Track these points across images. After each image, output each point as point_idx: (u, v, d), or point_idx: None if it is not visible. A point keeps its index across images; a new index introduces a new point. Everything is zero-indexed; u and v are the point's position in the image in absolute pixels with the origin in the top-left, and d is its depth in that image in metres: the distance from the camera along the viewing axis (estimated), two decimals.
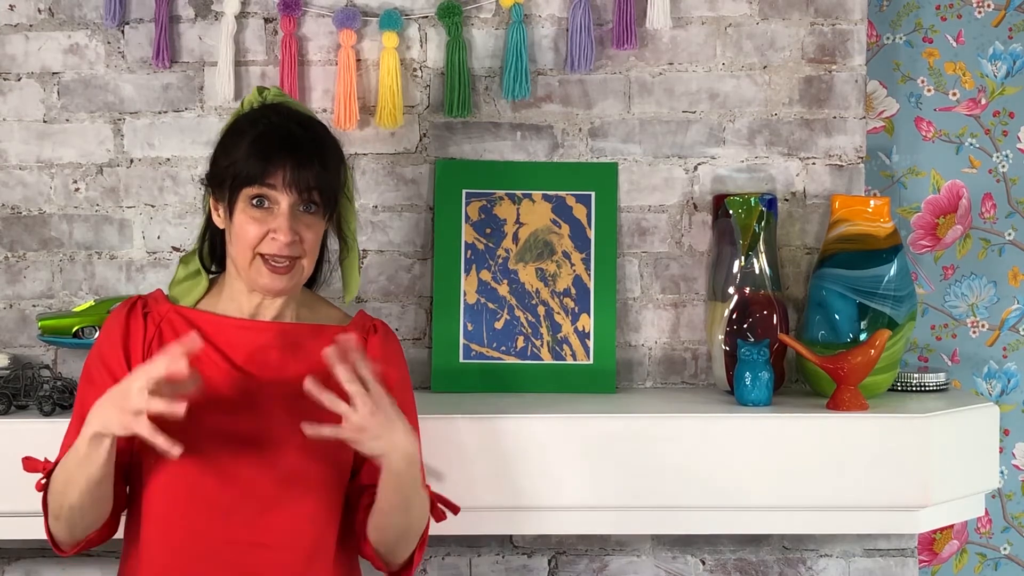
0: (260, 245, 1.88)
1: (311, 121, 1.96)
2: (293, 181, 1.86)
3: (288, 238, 1.86)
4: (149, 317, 1.95)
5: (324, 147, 1.92)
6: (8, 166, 2.51)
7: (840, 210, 2.47)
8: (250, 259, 1.89)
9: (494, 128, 2.55)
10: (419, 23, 2.52)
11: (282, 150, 1.87)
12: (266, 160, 1.86)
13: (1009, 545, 2.86)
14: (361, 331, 2.00)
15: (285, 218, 1.86)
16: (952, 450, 2.31)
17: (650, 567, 2.54)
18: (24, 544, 2.40)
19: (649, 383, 2.58)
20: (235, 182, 1.88)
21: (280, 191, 1.86)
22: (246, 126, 1.92)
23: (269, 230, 1.87)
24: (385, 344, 2.02)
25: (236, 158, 1.88)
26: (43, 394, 2.24)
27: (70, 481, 1.83)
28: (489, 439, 2.21)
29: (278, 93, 2.00)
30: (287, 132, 1.89)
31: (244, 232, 1.88)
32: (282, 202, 1.87)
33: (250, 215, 1.88)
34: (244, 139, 1.89)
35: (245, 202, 1.88)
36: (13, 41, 2.50)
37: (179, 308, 1.96)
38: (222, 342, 1.93)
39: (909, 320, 2.44)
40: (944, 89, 2.81)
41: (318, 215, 1.91)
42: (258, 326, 1.94)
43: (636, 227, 2.56)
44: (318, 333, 1.97)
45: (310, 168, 1.87)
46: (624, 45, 2.50)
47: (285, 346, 1.94)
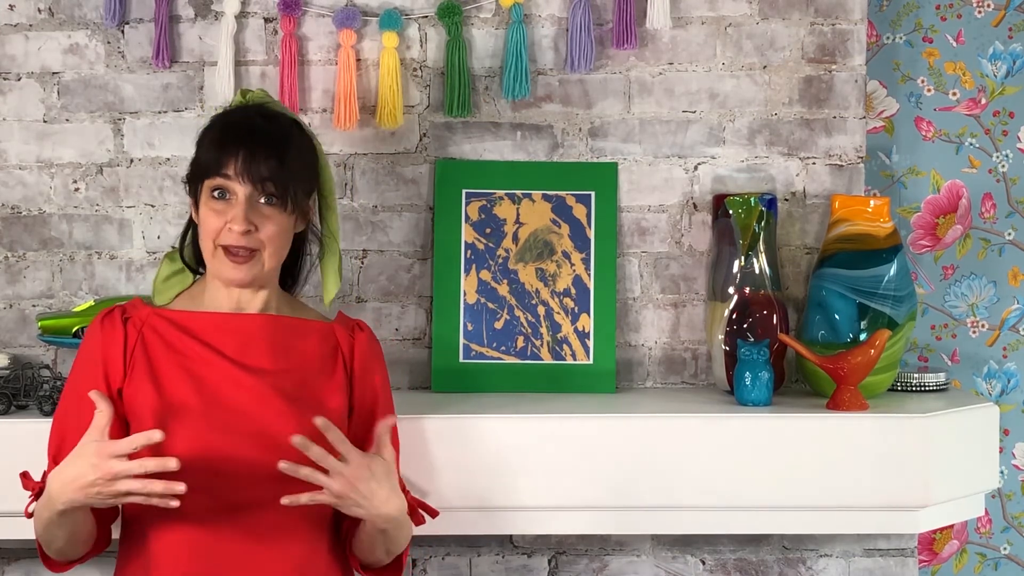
0: (220, 236, 1.90)
1: (279, 116, 1.97)
2: (245, 170, 1.88)
3: (242, 227, 1.88)
4: (130, 323, 1.94)
5: (284, 140, 1.93)
6: (8, 166, 2.51)
7: (840, 210, 2.47)
8: (212, 250, 1.91)
9: (494, 128, 2.55)
10: (419, 23, 2.52)
11: (237, 139, 1.89)
12: (221, 149, 1.89)
13: (1009, 545, 2.86)
14: (346, 328, 2.02)
15: (240, 208, 1.88)
16: (952, 450, 2.31)
17: (650, 567, 2.54)
18: (24, 544, 2.40)
19: (649, 383, 2.58)
20: (196, 173, 1.93)
21: (235, 180, 1.88)
22: (216, 122, 1.96)
23: (227, 221, 1.89)
24: (371, 342, 2.05)
25: (200, 152, 1.93)
26: (43, 394, 2.24)
27: (49, 530, 1.85)
28: (489, 439, 2.21)
29: (262, 95, 2.03)
30: (247, 124, 1.92)
31: (206, 223, 1.91)
32: (239, 192, 1.89)
33: (211, 207, 1.90)
34: (209, 133, 1.94)
35: (207, 194, 1.91)
36: (13, 41, 2.50)
37: (161, 311, 1.96)
38: (211, 337, 1.93)
39: (909, 320, 2.44)
40: (944, 89, 2.81)
41: (278, 207, 1.91)
42: (245, 318, 1.95)
43: (636, 227, 2.56)
44: (305, 328, 1.99)
45: (264, 159, 1.88)
46: (624, 45, 2.50)
47: (273, 336, 1.95)
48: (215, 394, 1.89)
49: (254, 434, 1.87)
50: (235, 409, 1.88)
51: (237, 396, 1.89)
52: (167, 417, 1.86)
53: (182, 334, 1.93)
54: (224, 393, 1.89)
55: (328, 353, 1.99)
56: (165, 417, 1.86)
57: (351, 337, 2.01)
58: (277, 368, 1.93)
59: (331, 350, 2.00)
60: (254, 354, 1.93)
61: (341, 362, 1.99)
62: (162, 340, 1.92)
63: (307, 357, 1.97)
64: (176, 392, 1.89)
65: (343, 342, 2.01)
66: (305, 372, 1.96)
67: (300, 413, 1.88)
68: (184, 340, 1.92)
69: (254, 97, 2.01)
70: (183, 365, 1.90)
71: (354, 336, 2.02)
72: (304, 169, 1.96)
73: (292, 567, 1.90)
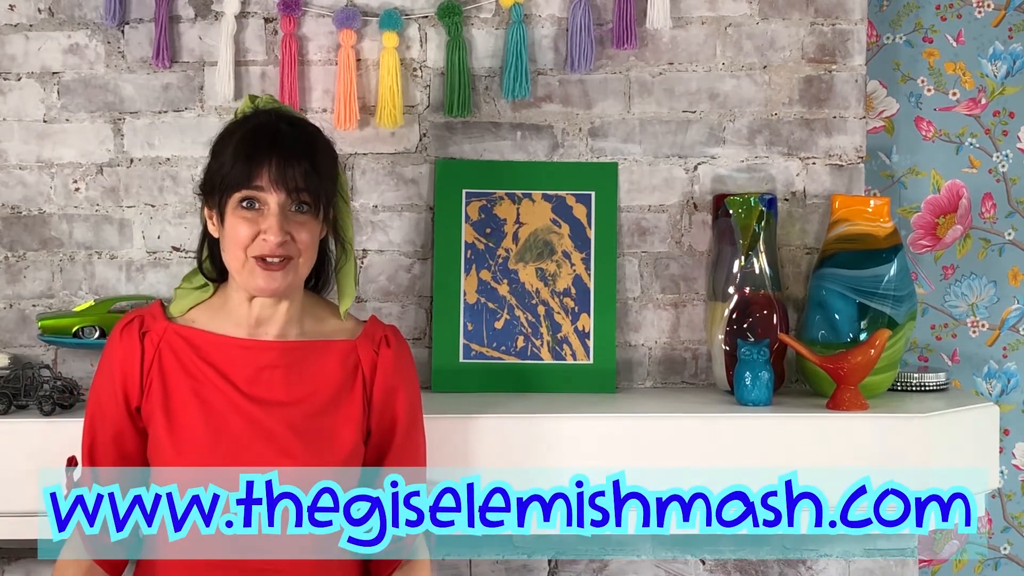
0: (251, 246, 1.84)
1: (301, 121, 1.93)
2: (280, 178, 1.82)
3: (278, 238, 1.82)
4: (147, 337, 1.91)
5: (313, 145, 1.88)
6: (8, 166, 2.51)
7: (840, 210, 2.47)
8: (243, 261, 1.85)
9: (494, 128, 2.55)
10: (419, 23, 2.52)
11: (268, 148, 1.83)
12: (251, 159, 1.83)
13: (1009, 545, 2.86)
14: (372, 343, 1.97)
15: (275, 218, 1.82)
16: (952, 450, 2.31)
17: (650, 567, 2.54)
18: (24, 544, 2.40)
19: (649, 383, 2.58)
20: (223, 185, 1.85)
21: (268, 191, 1.83)
22: (234, 129, 1.89)
23: (260, 231, 1.83)
24: (397, 358, 1.98)
25: (223, 161, 1.85)
26: (43, 394, 2.24)
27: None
28: (489, 439, 2.21)
29: (270, 99, 1.97)
30: (274, 130, 1.86)
31: (235, 233, 1.84)
32: (271, 202, 1.83)
33: (240, 216, 1.84)
34: (231, 142, 1.86)
35: (235, 205, 1.84)
36: (13, 41, 2.50)
37: (178, 327, 1.92)
38: (223, 363, 1.90)
39: (909, 320, 2.44)
40: (944, 89, 2.81)
41: (311, 214, 1.86)
42: (260, 346, 1.91)
43: (636, 227, 2.56)
44: (324, 350, 1.94)
45: (297, 166, 1.83)
46: (624, 45, 2.50)
47: (289, 365, 1.91)
48: (223, 424, 1.87)
49: (259, 463, 1.85)
50: (240, 442, 1.86)
51: (244, 429, 1.87)
52: (175, 449, 1.86)
53: (196, 357, 1.90)
54: (231, 424, 1.87)
55: (348, 374, 1.94)
56: (173, 448, 1.86)
57: (375, 354, 1.96)
58: (290, 399, 1.89)
59: (351, 370, 1.94)
60: (266, 386, 1.89)
61: (361, 383, 1.94)
62: (177, 360, 1.90)
63: (324, 382, 1.92)
64: (186, 422, 1.87)
65: (365, 361, 1.95)
66: (320, 401, 1.91)
67: (308, 450, 1.87)
68: (197, 364, 1.90)
69: (263, 102, 1.95)
70: (195, 390, 1.88)
71: (379, 353, 1.96)
72: (332, 175, 1.91)
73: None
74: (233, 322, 1.92)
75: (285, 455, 1.86)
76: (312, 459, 1.86)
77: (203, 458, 1.84)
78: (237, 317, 1.92)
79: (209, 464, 1.84)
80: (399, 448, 1.97)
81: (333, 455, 1.88)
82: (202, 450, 1.85)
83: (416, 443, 2.00)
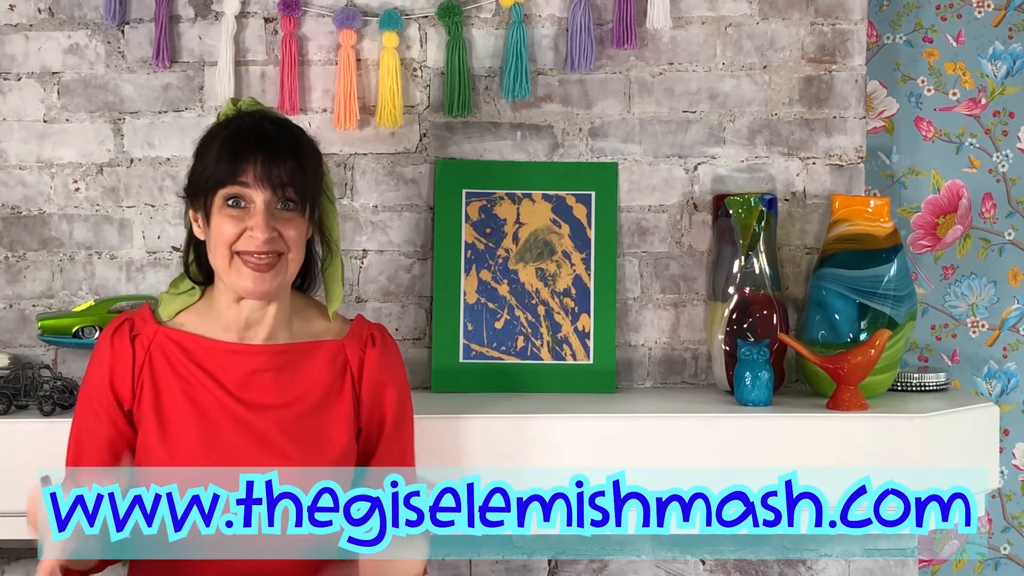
0: (237, 243, 1.83)
1: (284, 121, 1.93)
2: (265, 175, 1.82)
3: (265, 234, 1.82)
4: (138, 340, 1.91)
5: (298, 144, 1.88)
6: (8, 166, 2.51)
7: (840, 210, 2.47)
8: (229, 259, 1.85)
9: (494, 128, 2.55)
10: (419, 23, 2.52)
11: (253, 146, 1.84)
12: (237, 157, 1.83)
13: (1009, 545, 2.86)
14: (359, 342, 1.97)
15: (262, 215, 1.82)
16: (952, 450, 2.31)
17: (650, 567, 2.54)
18: (24, 544, 2.40)
19: (649, 383, 2.58)
20: (208, 184, 1.84)
21: (253, 188, 1.83)
22: (218, 131, 1.89)
23: (246, 227, 1.83)
24: (384, 356, 1.99)
25: (208, 162, 1.85)
26: (43, 394, 2.24)
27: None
28: (489, 439, 2.21)
29: (252, 102, 1.97)
30: (259, 130, 1.86)
31: (221, 231, 1.84)
32: (257, 199, 1.83)
33: (226, 214, 1.84)
34: (215, 142, 1.86)
35: (221, 204, 1.84)
36: (13, 41, 2.50)
37: (168, 331, 1.92)
38: (213, 366, 1.90)
39: (909, 320, 2.44)
40: (944, 89, 2.81)
41: (297, 212, 1.86)
42: (250, 350, 1.91)
43: (636, 227, 2.56)
44: (313, 351, 1.94)
45: (283, 163, 1.83)
46: (624, 45, 2.50)
47: (279, 369, 1.91)
48: (215, 428, 1.87)
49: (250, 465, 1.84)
50: (234, 446, 1.86)
51: (236, 432, 1.87)
52: (167, 452, 1.86)
53: (187, 360, 1.90)
54: (223, 428, 1.87)
55: (336, 374, 1.95)
56: (165, 451, 1.86)
57: (362, 353, 1.97)
58: (281, 402, 1.90)
59: (340, 370, 1.95)
60: (257, 389, 1.90)
61: (350, 382, 1.96)
62: (168, 363, 1.90)
63: (314, 384, 1.93)
64: (178, 425, 1.87)
65: (353, 360, 1.96)
66: (310, 402, 1.92)
67: (301, 451, 1.87)
68: (188, 367, 1.90)
69: (246, 104, 1.95)
70: (186, 392, 1.88)
71: (366, 352, 1.97)
72: (316, 173, 1.92)
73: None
74: (222, 326, 1.92)
75: (278, 457, 1.86)
76: (305, 460, 1.86)
77: (196, 460, 1.84)
78: (226, 320, 1.92)
79: (202, 473, 1.83)
80: (387, 445, 1.97)
81: (326, 455, 1.89)
82: (195, 452, 1.85)
83: (404, 440, 2.00)
